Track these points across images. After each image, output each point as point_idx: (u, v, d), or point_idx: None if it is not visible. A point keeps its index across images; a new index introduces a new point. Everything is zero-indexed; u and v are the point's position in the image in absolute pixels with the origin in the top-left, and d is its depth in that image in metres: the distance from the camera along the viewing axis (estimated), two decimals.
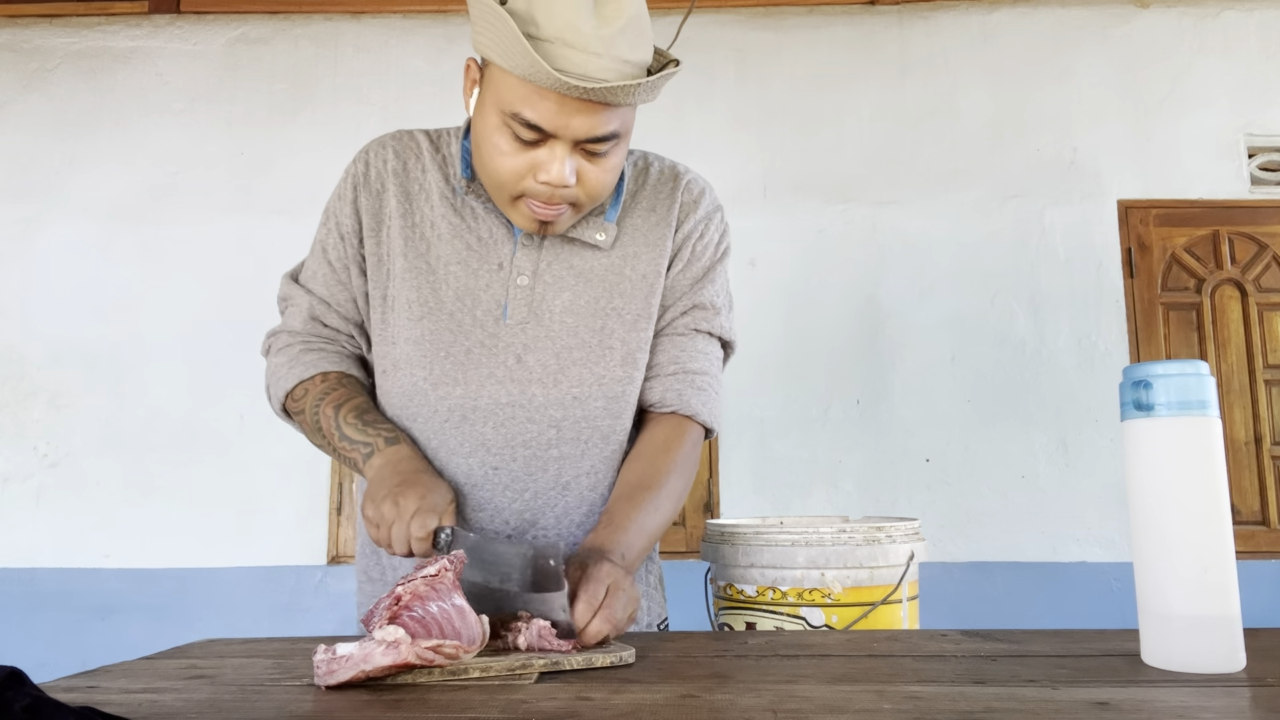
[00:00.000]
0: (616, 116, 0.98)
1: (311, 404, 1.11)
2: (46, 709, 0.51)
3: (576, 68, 0.92)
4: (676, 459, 1.11)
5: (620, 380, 1.11)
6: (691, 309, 1.16)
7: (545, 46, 0.92)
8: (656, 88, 0.97)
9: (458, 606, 0.80)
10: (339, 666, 0.73)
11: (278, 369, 1.15)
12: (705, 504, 3.46)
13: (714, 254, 1.18)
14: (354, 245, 1.14)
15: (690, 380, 1.15)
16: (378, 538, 0.95)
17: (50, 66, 3.73)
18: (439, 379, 1.09)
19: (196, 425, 3.49)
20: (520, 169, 0.99)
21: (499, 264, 1.10)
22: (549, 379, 1.09)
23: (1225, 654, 0.73)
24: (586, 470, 1.11)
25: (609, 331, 1.11)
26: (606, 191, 1.05)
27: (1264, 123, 3.60)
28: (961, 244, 3.55)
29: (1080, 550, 3.37)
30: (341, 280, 1.15)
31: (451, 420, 1.09)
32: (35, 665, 0.74)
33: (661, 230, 1.14)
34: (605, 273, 1.12)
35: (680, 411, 1.14)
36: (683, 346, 1.16)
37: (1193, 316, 3.53)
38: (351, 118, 3.63)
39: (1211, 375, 0.76)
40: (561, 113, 0.94)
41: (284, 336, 1.17)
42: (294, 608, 3.36)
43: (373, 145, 1.16)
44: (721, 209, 1.21)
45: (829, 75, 3.67)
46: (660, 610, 1.24)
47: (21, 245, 3.61)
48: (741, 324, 3.94)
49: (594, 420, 1.10)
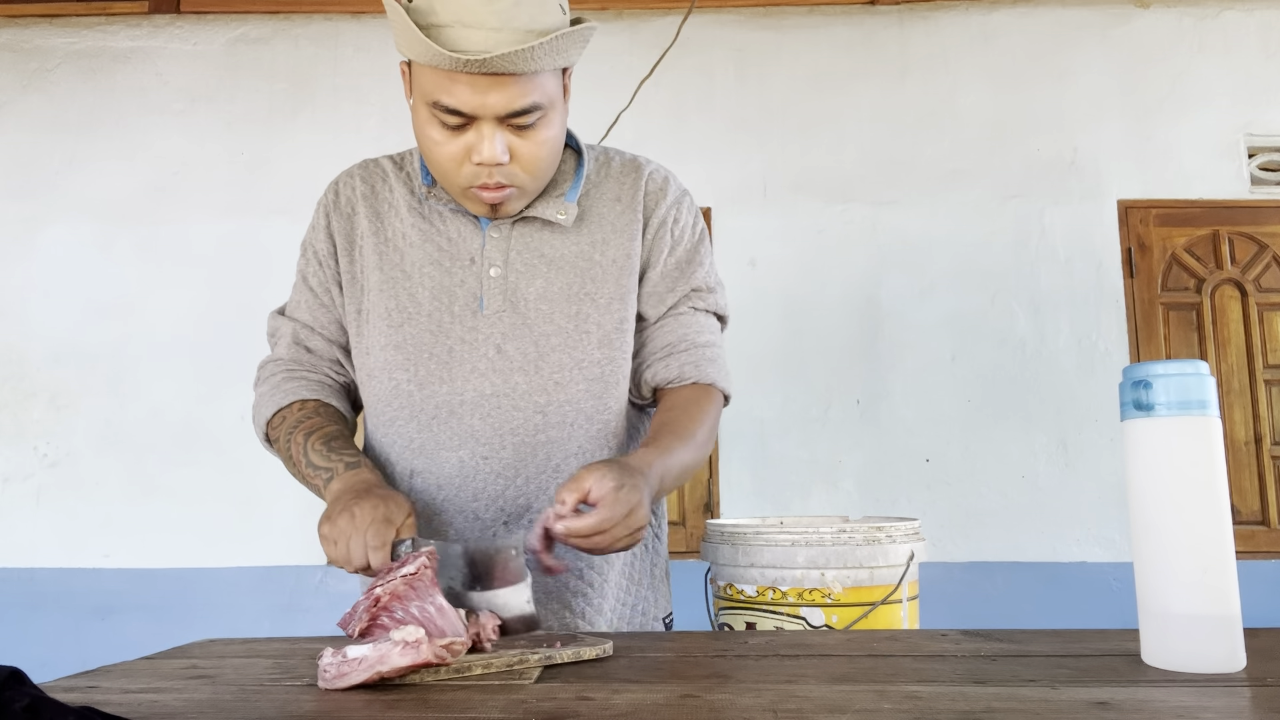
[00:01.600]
0: (534, 87, 1.01)
1: (285, 432, 1.14)
2: (46, 709, 0.51)
3: (477, 45, 0.95)
4: (706, 411, 1.15)
5: (599, 363, 1.13)
6: (690, 293, 1.20)
7: (446, 31, 0.96)
8: (560, 49, 0.99)
9: (438, 605, 0.80)
10: (351, 669, 0.72)
11: (261, 398, 1.19)
12: (705, 504, 3.46)
13: (693, 235, 1.22)
14: (331, 267, 1.19)
15: (702, 353, 1.18)
16: (334, 555, 0.95)
17: (50, 66, 3.73)
18: (424, 379, 1.12)
19: (196, 425, 3.49)
20: (457, 155, 1.03)
21: (470, 259, 1.13)
22: (530, 366, 1.11)
23: (1225, 654, 0.73)
24: (574, 452, 1.13)
25: (584, 316, 1.13)
26: (545, 166, 1.08)
27: (1264, 123, 3.60)
28: (961, 244, 3.55)
29: (1080, 550, 3.37)
30: (324, 303, 1.19)
31: (439, 416, 1.11)
32: (35, 665, 0.74)
33: (629, 217, 1.17)
34: (576, 259, 1.14)
35: (700, 381, 1.17)
36: (687, 324, 1.19)
37: (1193, 316, 3.53)
38: (351, 118, 3.63)
39: (1211, 375, 0.76)
40: (475, 92, 0.98)
41: (270, 366, 1.21)
42: (294, 608, 3.36)
43: (341, 176, 1.22)
44: (688, 193, 1.24)
45: (829, 75, 3.67)
46: (665, 604, 1.24)
47: (21, 245, 3.61)
48: (741, 324, 3.93)
49: (577, 403, 1.12)
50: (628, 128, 3.40)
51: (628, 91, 3.31)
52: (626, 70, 3.47)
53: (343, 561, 0.94)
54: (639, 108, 3.35)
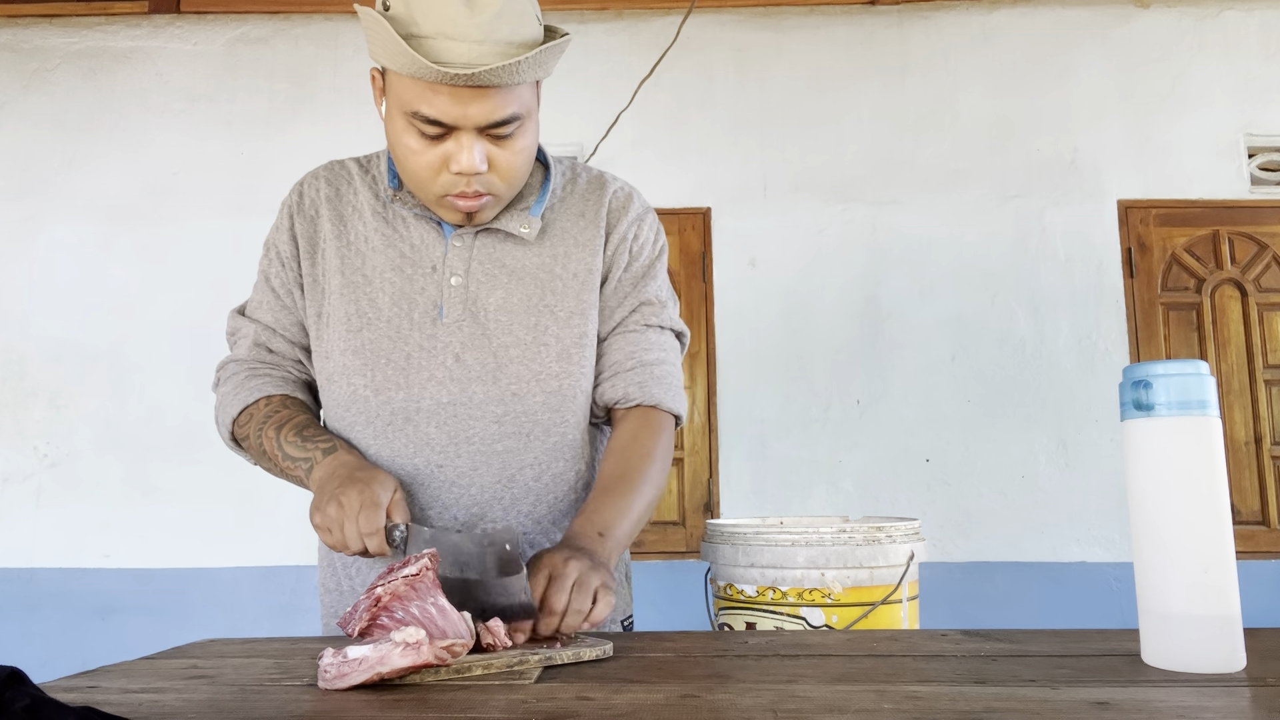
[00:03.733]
0: (514, 99, 1.01)
1: (255, 428, 1.13)
2: (46, 709, 0.51)
3: (460, 58, 0.95)
4: (649, 448, 1.14)
5: (557, 375, 1.14)
6: (639, 306, 1.20)
7: (428, 43, 0.95)
8: (542, 62, 1.00)
9: (439, 606, 0.80)
10: (351, 669, 0.72)
11: (224, 398, 1.18)
12: (705, 504, 3.46)
13: (651, 252, 1.22)
14: (294, 269, 1.18)
15: (649, 371, 1.18)
16: (331, 542, 0.97)
17: (50, 66, 3.73)
18: (380, 384, 1.12)
19: (196, 425, 3.48)
20: (434, 164, 1.03)
21: (432, 266, 1.14)
22: (488, 376, 1.11)
23: (1225, 654, 0.73)
24: (530, 463, 1.13)
25: (543, 328, 1.13)
26: (521, 174, 1.08)
27: (1264, 123, 3.60)
28: (961, 244, 3.55)
29: (1080, 550, 3.37)
30: (286, 305, 1.19)
31: (395, 423, 1.11)
32: (35, 665, 0.74)
33: (591, 232, 1.18)
34: (537, 271, 1.15)
35: (644, 403, 1.17)
36: (636, 342, 1.19)
37: (1193, 316, 3.53)
38: (351, 118, 3.63)
39: (1211, 375, 0.76)
40: (457, 103, 0.98)
41: (231, 366, 1.20)
42: (294, 608, 3.36)
43: (306, 177, 1.22)
44: (651, 210, 1.25)
45: (829, 75, 3.67)
46: (626, 607, 1.25)
47: (21, 245, 3.61)
48: (741, 324, 3.92)
49: (534, 415, 1.13)
50: (628, 128, 3.41)
51: (628, 91, 3.31)
52: (626, 70, 3.47)
53: (341, 548, 0.96)
54: (639, 108, 3.35)
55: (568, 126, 3.45)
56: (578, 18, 3.68)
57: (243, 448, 1.18)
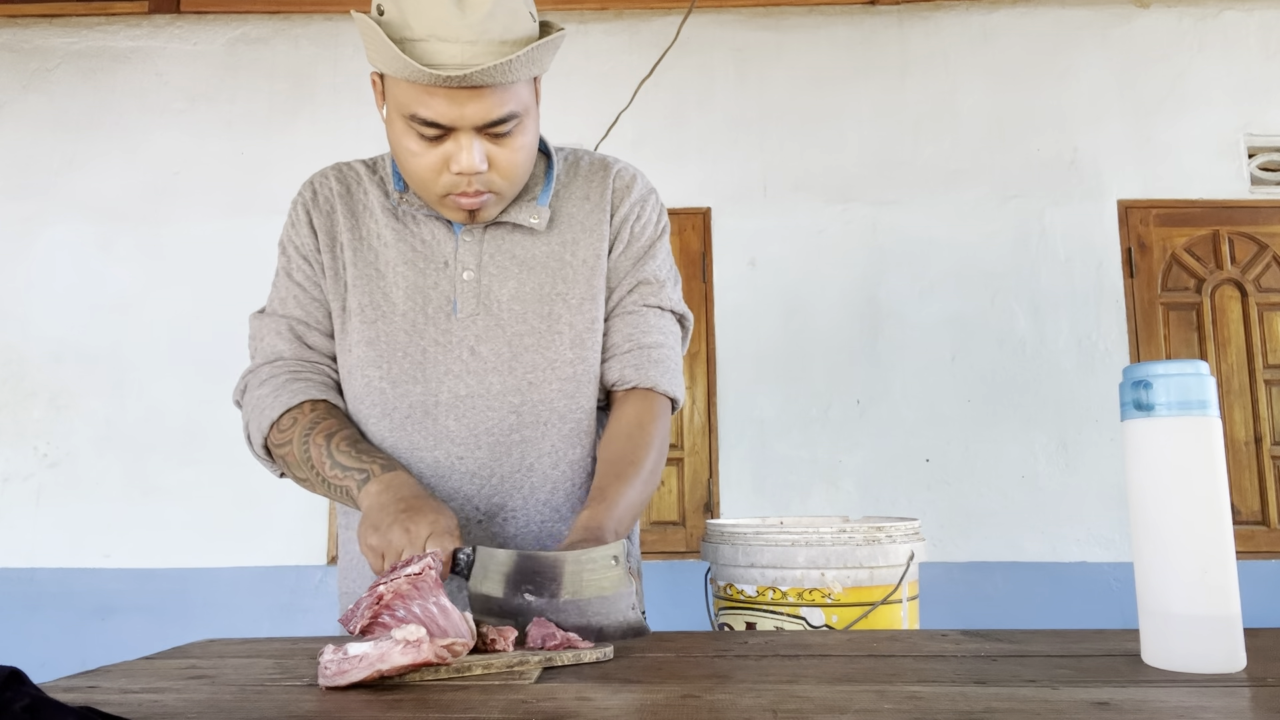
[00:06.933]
0: (510, 97, 1.01)
1: (301, 432, 1.09)
2: (46, 709, 0.51)
3: (452, 59, 0.95)
4: (651, 434, 1.14)
5: (571, 362, 1.14)
6: (637, 285, 1.20)
7: (421, 46, 0.96)
8: (535, 59, 1.00)
9: (441, 605, 0.80)
10: (351, 666, 0.72)
11: (260, 400, 1.12)
12: (705, 504, 3.46)
13: (653, 232, 1.22)
14: (317, 261, 1.17)
15: (646, 354, 1.17)
16: (379, 567, 0.94)
17: (50, 66, 3.73)
18: (398, 378, 1.12)
19: (196, 425, 3.49)
20: (435, 165, 1.04)
21: (444, 262, 1.14)
22: (504, 367, 1.12)
23: (1225, 654, 0.73)
24: (547, 451, 1.13)
25: (556, 316, 1.14)
26: (522, 171, 1.08)
27: (1264, 123, 3.60)
28: (961, 244, 3.55)
29: (1080, 550, 3.37)
30: (315, 297, 1.17)
31: (413, 416, 1.12)
32: (35, 665, 0.74)
33: (597, 216, 1.18)
34: (547, 260, 1.15)
35: (640, 385, 1.17)
36: (634, 324, 1.18)
37: (1193, 316, 3.53)
38: (351, 118, 3.63)
39: (1211, 375, 0.76)
40: (453, 105, 0.99)
41: (266, 369, 1.15)
42: (294, 608, 3.36)
43: (315, 176, 1.21)
44: (655, 192, 1.25)
45: (829, 75, 3.68)
46: (640, 601, 1.24)
47: (21, 245, 3.61)
48: (741, 324, 3.91)
49: (551, 403, 1.13)
50: (628, 128, 3.41)
51: (628, 91, 3.31)
52: (626, 70, 3.47)
53: (382, 572, 0.93)
54: (639, 108, 3.35)
55: (568, 126, 3.45)
56: (578, 18, 3.68)
57: (275, 454, 1.12)
